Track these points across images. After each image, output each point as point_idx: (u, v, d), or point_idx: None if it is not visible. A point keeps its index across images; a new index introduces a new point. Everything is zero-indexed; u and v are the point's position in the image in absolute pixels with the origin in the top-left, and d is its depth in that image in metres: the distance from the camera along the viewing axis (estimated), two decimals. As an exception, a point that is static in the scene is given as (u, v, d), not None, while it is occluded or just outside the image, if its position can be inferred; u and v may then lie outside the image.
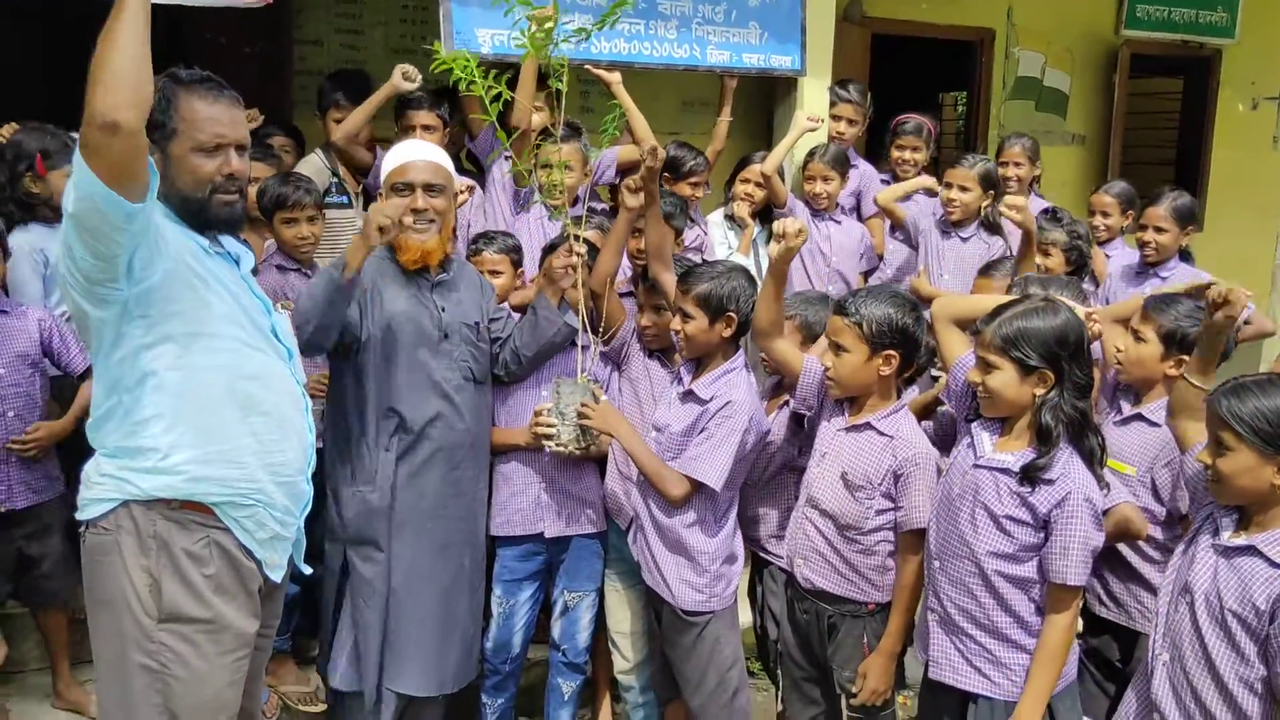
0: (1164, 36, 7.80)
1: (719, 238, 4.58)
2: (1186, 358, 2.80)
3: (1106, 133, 7.83)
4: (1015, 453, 2.52)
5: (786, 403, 3.21)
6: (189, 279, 2.30)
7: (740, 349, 3.07)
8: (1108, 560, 2.92)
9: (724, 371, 3.01)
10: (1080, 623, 2.91)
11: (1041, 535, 2.49)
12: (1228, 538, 2.26)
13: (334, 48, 5.74)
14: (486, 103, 2.98)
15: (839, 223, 4.62)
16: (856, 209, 4.92)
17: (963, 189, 4.52)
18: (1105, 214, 4.80)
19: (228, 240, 2.51)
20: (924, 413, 3.10)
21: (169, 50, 3.88)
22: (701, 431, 2.96)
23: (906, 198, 4.86)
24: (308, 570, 2.69)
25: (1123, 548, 2.93)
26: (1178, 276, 4.32)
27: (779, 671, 3.19)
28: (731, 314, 2.98)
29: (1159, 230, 4.37)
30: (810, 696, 3.05)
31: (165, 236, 2.27)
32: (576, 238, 3.16)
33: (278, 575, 2.51)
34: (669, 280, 3.18)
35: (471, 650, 3.27)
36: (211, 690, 2.38)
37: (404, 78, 3.94)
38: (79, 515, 2.38)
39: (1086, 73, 7.81)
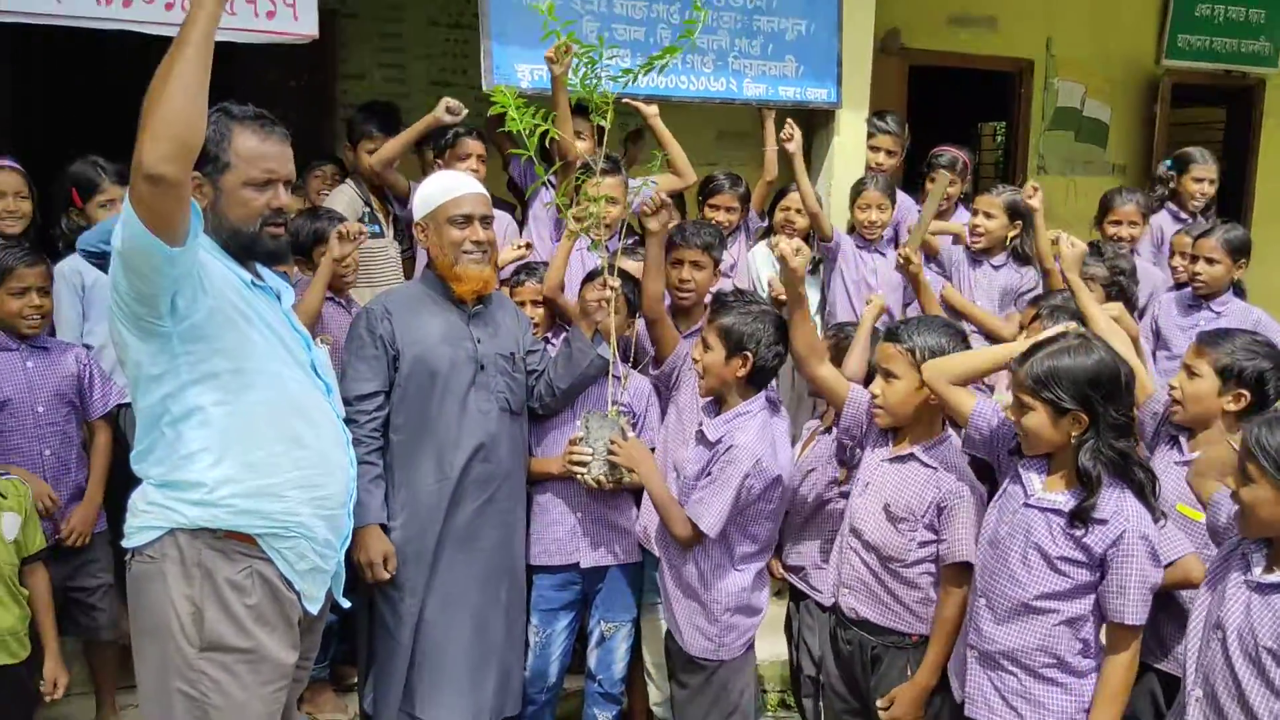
0: (1206, 66, 7.77)
1: (763, 259, 4.59)
2: (1245, 392, 2.76)
3: (1148, 163, 7.77)
4: (1064, 492, 2.49)
5: (828, 430, 3.20)
6: (232, 316, 2.33)
7: (760, 392, 3.01)
8: (1165, 609, 2.75)
9: (736, 414, 2.95)
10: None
11: (1098, 574, 2.45)
12: (1259, 573, 2.22)
13: (377, 81, 5.84)
14: (526, 137, 3.02)
15: (884, 254, 4.63)
16: (894, 240, 4.92)
17: (988, 215, 4.49)
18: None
19: (269, 275, 2.55)
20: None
21: (215, 82, 3.99)
22: (707, 474, 2.93)
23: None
24: (346, 604, 2.71)
25: (1186, 594, 2.78)
26: (1231, 311, 4.27)
27: (819, 705, 3.16)
28: (748, 353, 2.91)
29: (1210, 261, 4.29)
30: (852, 731, 3.02)
31: (209, 273, 2.30)
32: (611, 270, 3.18)
33: (315, 607, 2.52)
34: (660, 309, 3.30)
35: (509, 681, 3.25)
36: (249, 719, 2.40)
37: (448, 110, 3.98)
38: (125, 543, 2.40)
39: (1127, 103, 7.78)
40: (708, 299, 3.49)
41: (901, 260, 3.97)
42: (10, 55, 5.42)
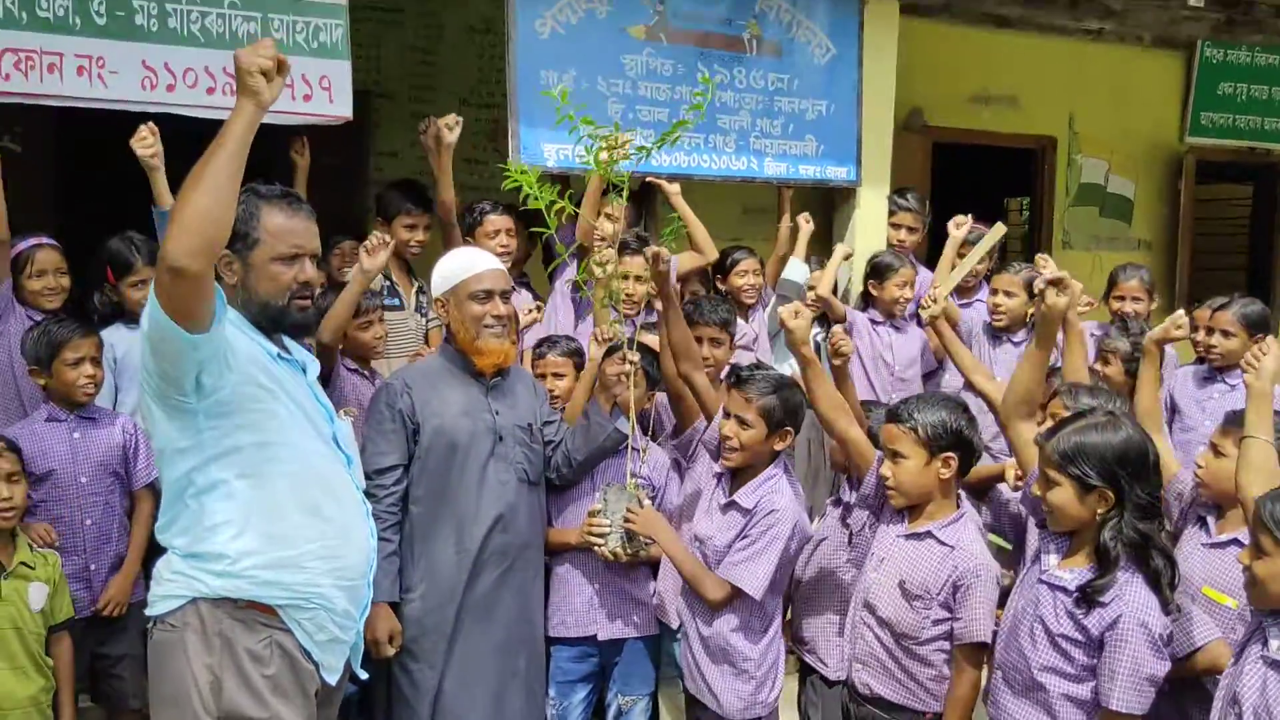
0: (1229, 144, 7.80)
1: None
2: None
3: (1173, 238, 7.81)
4: (1076, 569, 2.50)
5: (836, 501, 3.23)
6: (256, 391, 2.39)
7: (779, 456, 3.09)
8: (1192, 692, 2.72)
9: (765, 479, 3.04)
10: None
11: (1095, 657, 2.45)
12: (1276, 648, 2.21)
13: (410, 159, 5.98)
14: (547, 214, 3.11)
15: (900, 330, 4.67)
16: (916, 316, 4.97)
17: (1008, 294, 4.57)
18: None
19: (295, 347, 2.62)
20: (981, 486, 3.08)
21: (253, 158, 4.13)
22: (744, 538, 2.99)
23: (965, 301, 4.89)
24: (364, 675, 2.74)
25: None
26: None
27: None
28: (789, 429, 3.03)
29: (1226, 335, 4.31)
30: (867, 808, 2.99)
31: (235, 349, 2.36)
32: (630, 345, 3.24)
33: (334, 678, 2.55)
34: (700, 380, 3.27)
35: (527, 753, 3.27)
36: None
37: (447, 127, 3.99)
38: (148, 611, 2.44)
39: (1151, 179, 7.83)
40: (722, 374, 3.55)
41: (926, 303, 3.94)
42: (56, 133, 5.65)
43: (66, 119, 4.36)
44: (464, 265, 3.20)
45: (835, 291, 4.71)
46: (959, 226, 4.80)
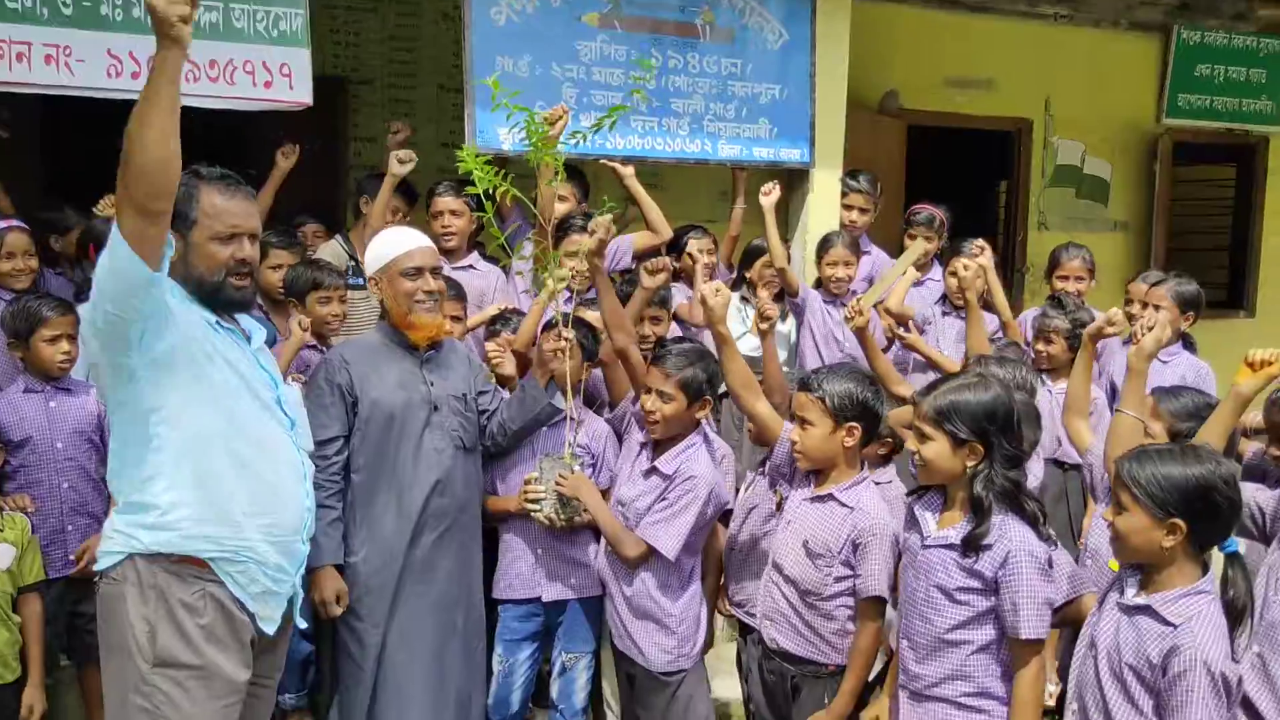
0: (1207, 125, 7.86)
1: (734, 315, 4.78)
2: None
3: (1149, 219, 7.89)
4: (954, 526, 2.64)
5: (764, 466, 3.38)
6: (194, 353, 2.55)
7: (700, 425, 3.25)
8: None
9: (686, 446, 3.21)
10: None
11: (994, 599, 2.58)
12: (1130, 596, 2.37)
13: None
14: (485, 199, 3.26)
15: (849, 308, 4.79)
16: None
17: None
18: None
19: (243, 318, 2.78)
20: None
21: (231, 147, 4.30)
22: (662, 500, 3.16)
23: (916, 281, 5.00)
24: (304, 624, 2.91)
25: None
26: (1179, 362, 4.38)
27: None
28: (709, 398, 3.20)
29: (1158, 309, 4.41)
30: (779, 755, 3.16)
31: (175, 315, 2.52)
32: (566, 321, 3.40)
33: (271, 628, 2.69)
34: (634, 354, 3.43)
35: (468, 707, 3.43)
36: None
37: (399, 161, 4.27)
38: (95, 566, 2.63)
39: (1127, 160, 7.89)
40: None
41: (850, 314, 4.08)
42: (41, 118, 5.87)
43: (51, 103, 4.55)
44: (395, 244, 3.34)
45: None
46: (979, 254, 4.66)
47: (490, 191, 3.27)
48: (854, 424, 2.96)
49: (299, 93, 4.12)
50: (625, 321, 3.50)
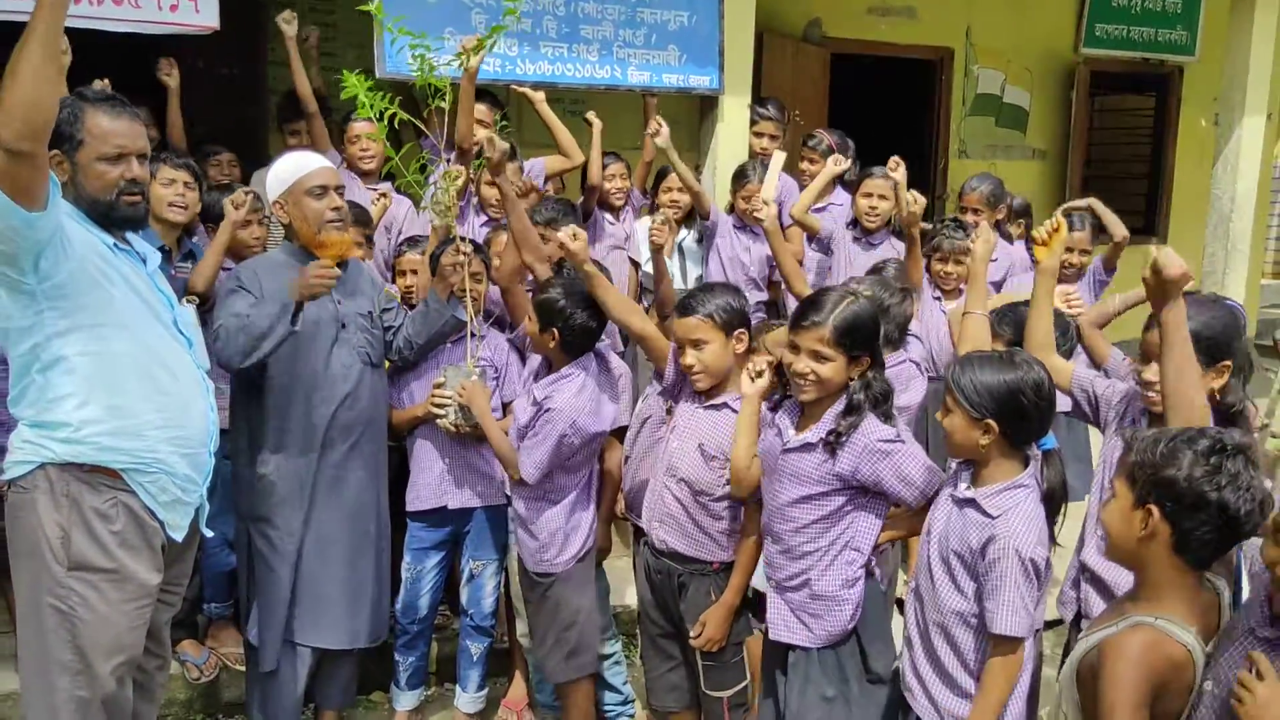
0: (1123, 55, 8.04)
1: (643, 234, 4.92)
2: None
3: (1066, 147, 8.09)
4: (812, 429, 2.82)
5: (661, 377, 3.54)
6: (94, 276, 2.62)
7: (581, 356, 3.38)
8: None
9: (559, 377, 3.35)
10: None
11: (854, 489, 2.78)
12: (961, 490, 2.57)
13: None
14: (375, 120, 3.35)
15: (758, 235, 4.95)
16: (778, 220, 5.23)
17: (882, 197, 4.82)
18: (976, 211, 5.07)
19: (136, 241, 2.85)
20: None
21: (145, 73, 4.30)
22: (530, 427, 3.33)
23: (819, 206, 5.14)
24: (209, 533, 3.04)
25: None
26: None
27: (638, 630, 3.52)
28: (555, 329, 3.31)
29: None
30: (667, 652, 3.36)
31: (71, 238, 2.58)
32: (463, 239, 3.52)
33: (179, 535, 2.82)
34: (541, 271, 3.56)
35: (379, 610, 3.60)
36: (114, 632, 2.69)
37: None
38: (3, 476, 2.72)
39: (1046, 89, 8.07)
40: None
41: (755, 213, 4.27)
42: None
43: None
44: (296, 166, 3.40)
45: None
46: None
47: (384, 115, 3.36)
48: (741, 330, 3.14)
49: (205, 16, 4.15)
50: (532, 238, 3.62)
